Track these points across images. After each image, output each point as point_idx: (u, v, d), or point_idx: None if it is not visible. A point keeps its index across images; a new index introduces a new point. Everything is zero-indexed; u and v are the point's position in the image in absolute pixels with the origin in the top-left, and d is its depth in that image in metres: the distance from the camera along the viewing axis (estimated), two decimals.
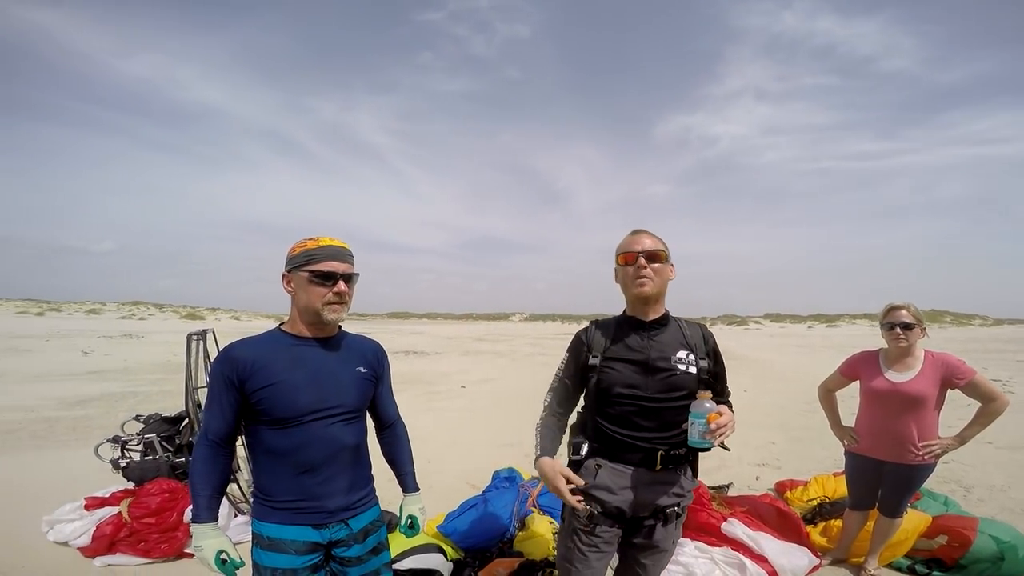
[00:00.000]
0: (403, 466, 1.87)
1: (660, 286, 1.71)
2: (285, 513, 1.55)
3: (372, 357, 1.76)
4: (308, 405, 1.54)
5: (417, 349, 21.82)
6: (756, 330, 49.59)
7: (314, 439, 1.55)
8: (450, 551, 2.78)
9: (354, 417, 1.66)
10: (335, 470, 1.60)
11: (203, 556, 1.50)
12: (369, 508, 1.71)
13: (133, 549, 3.12)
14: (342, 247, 1.62)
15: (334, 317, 1.59)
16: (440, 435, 6.35)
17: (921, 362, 2.65)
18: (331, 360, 1.63)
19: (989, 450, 5.48)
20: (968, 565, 2.82)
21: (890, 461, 2.71)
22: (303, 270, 1.57)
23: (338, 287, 1.57)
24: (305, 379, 1.55)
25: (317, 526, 1.58)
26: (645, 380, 1.66)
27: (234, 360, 1.53)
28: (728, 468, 5.11)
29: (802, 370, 13.79)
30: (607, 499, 1.65)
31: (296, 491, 1.56)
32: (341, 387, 1.62)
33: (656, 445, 1.65)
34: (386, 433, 1.88)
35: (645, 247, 1.70)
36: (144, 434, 3.92)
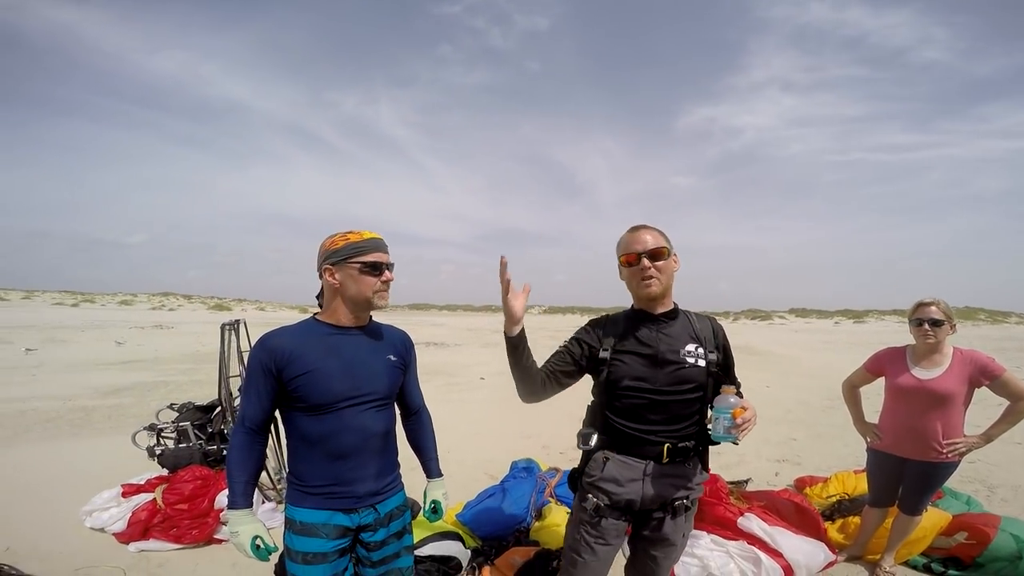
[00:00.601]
0: (428, 452, 1.94)
1: (666, 283, 1.72)
2: (318, 498, 1.62)
3: (401, 346, 1.83)
4: (342, 392, 1.61)
5: (437, 340, 22.03)
6: (781, 325, 48.73)
7: (347, 425, 1.62)
8: (468, 539, 2.86)
9: (384, 404, 1.73)
10: (366, 456, 1.66)
11: (239, 542, 1.57)
12: (396, 493, 1.78)
13: (165, 535, 3.22)
14: (381, 239, 1.71)
15: (384, 303, 1.68)
16: (460, 426, 6.43)
17: (949, 359, 2.62)
18: (363, 349, 1.70)
19: (1018, 450, 5.35)
20: (986, 563, 2.79)
21: (913, 458, 2.70)
22: (352, 262, 1.64)
23: (386, 275, 1.66)
24: (339, 367, 1.62)
25: (347, 511, 1.64)
26: (654, 373, 1.67)
27: (272, 349, 1.59)
28: (747, 464, 5.10)
29: (827, 366, 13.56)
30: (615, 491, 1.67)
31: (329, 476, 1.62)
32: (373, 375, 1.68)
33: (664, 438, 1.66)
34: (412, 420, 1.95)
35: (647, 246, 1.69)
36: (178, 422, 4.04)
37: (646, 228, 1.74)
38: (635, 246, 1.70)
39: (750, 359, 16.28)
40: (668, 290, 1.75)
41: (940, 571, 2.88)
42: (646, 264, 1.68)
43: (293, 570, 1.62)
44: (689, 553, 2.78)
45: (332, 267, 1.66)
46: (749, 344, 22.83)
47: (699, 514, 3.08)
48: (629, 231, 1.76)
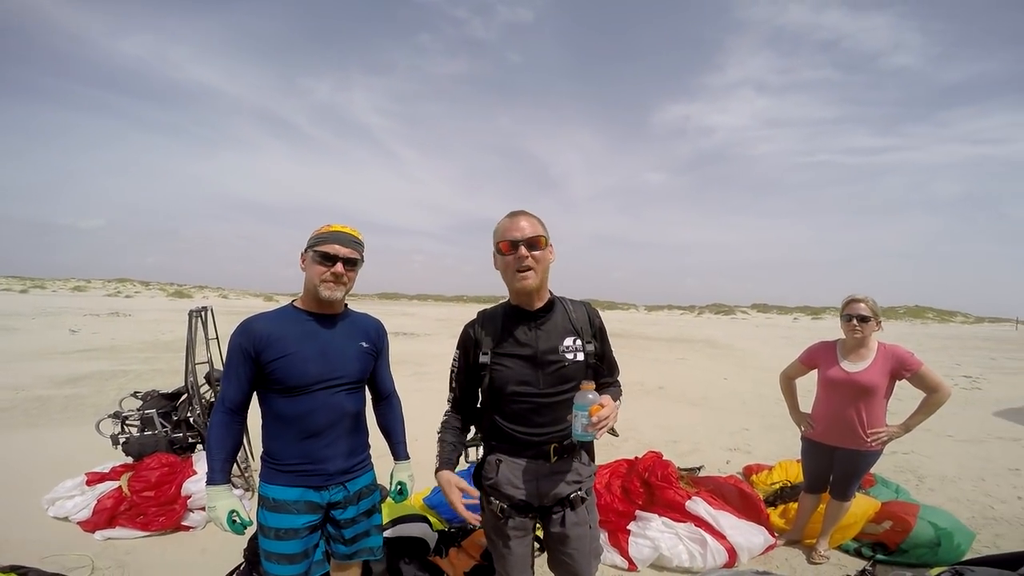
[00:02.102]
0: (396, 436, 2.06)
1: (542, 275, 1.67)
2: (290, 475, 1.73)
3: (374, 333, 1.94)
4: (317, 375, 1.72)
5: (407, 330, 21.95)
6: (743, 320, 50.14)
7: (320, 406, 1.73)
8: (435, 522, 2.97)
9: (356, 387, 1.85)
10: (337, 435, 1.78)
11: (215, 516, 1.67)
12: (365, 472, 1.90)
13: (132, 522, 3.22)
14: (350, 234, 1.79)
15: (328, 294, 1.74)
16: (428, 414, 6.42)
17: (874, 353, 2.79)
18: (337, 334, 1.81)
19: (949, 443, 5.75)
20: (909, 549, 2.98)
21: (841, 447, 2.87)
22: (312, 250, 1.75)
23: (335, 268, 1.73)
24: (314, 351, 1.73)
25: (318, 488, 1.75)
26: (536, 375, 1.66)
27: (252, 333, 1.70)
28: (702, 452, 5.37)
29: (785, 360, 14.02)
30: (512, 493, 1.69)
31: (301, 454, 1.73)
32: (346, 359, 1.80)
33: (550, 439, 1.68)
34: (382, 404, 2.07)
35: (525, 234, 1.62)
36: (143, 410, 4.02)
37: (524, 214, 1.67)
38: (512, 233, 1.63)
39: (712, 352, 16.81)
40: (544, 282, 1.70)
41: (870, 555, 3.05)
42: (523, 252, 1.61)
43: (266, 545, 1.73)
44: (641, 535, 2.98)
45: (304, 253, 1.79)
46: (711, 338, 23.51)
47: (651, 497, 3.28)
48: (507, 216, 1.69)
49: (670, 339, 21.86)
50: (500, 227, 1.68)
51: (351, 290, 1.84)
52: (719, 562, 2.86)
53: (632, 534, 3.01)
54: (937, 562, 2.87)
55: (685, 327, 33.38)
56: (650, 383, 9.40)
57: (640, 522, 3.08)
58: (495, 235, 1.69)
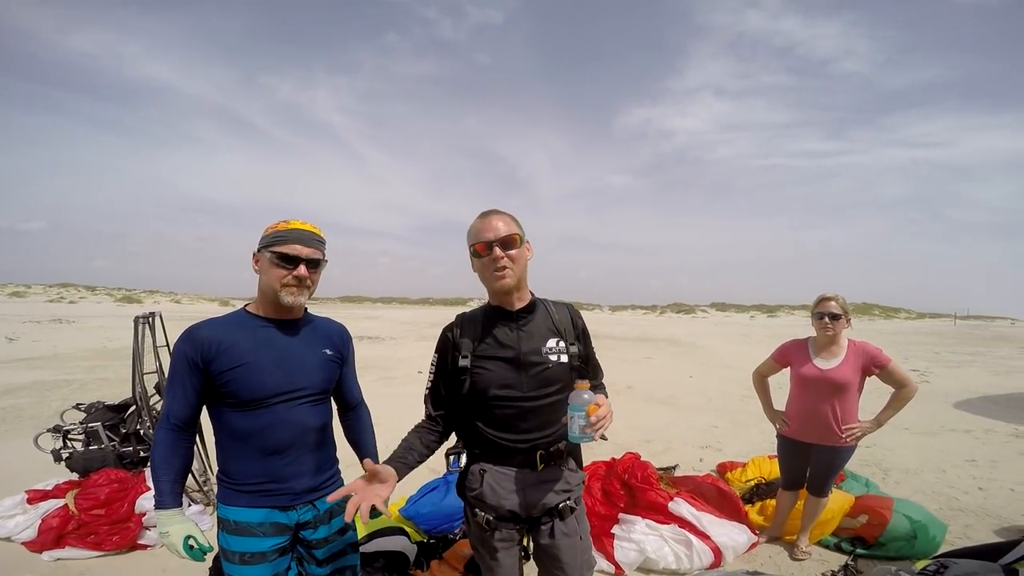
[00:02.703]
0: (367, 449, 1.89)
1: (520, 273, 1.62)
2: (252, 496, 1.56)
3: (338, 340, 1.77)
4: (275, 387, 1.55)
5: (372, 334, 21.52)
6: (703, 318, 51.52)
7: (280, 421, 1.56)
8: (413, 533, 2.84)
9: (320, 399, 1.68)
10: (301, 452, 1.61)
11: (170, 542, 1.50)
12: (335, 489, 1.73)
13: (83, 542, 3.04)
14: (311, 232, 1.62)
15: (291, 300, 1.58)
16: (398, 420, 6.26)
17: (845, 350, 2.84)
18: (297, 342, 1.64)
19: (906, 435, 5.97)
20: (887, 543, 3.02)
21: (817, 443, 2.90)
22: (268, 250, 1.57)
23: (298, 271, 1.57)
24: (272, 361, 1.56)
25: (284, 508, 1.59)
26: (519, 378, 1.59)
27: (198, 341, 1.52)
28: (675, 450, 5.39)
29: (744, 358, 14.51)
30: (498, 503, 1.60)
31: (262, 473, 1.56)
32: (308, 369, 1.63)
33: (536, 445, 1.60)
34: (350, 416, 1.90)
35: (499, 234, 1.57)
36: (87, 423, 3.78)
37: (497, 213, 1.62)
38: (486, 234, 1.57)
39: (675, 350, 17.14)
40: (523, 281, 1.65)
41: (849, 550, 3.07)
42: (498, 253, 1.56)
43: (231, 571, 1.57)
44: (626, 538, 2.92)
45: (257, 254, 1.62)
46: (674, 336, 24.01)
47: (633, 500, 3.24)
48: (479, 217, 1.63)
49: (635, 338, 22.18)
50: (473, 228, 1.62)
51: (314, 293, 1.67)
52: (705, 563, 2.84)
53: (617, 538, 2.95)
54: (914, 554, 2.92)
55: (648, 326, 34.00)
56: (619, 383, 9.46)
57: (624, 525, 3.03)
58: (469, 237, 1.63)
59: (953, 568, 2.09)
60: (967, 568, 2.08)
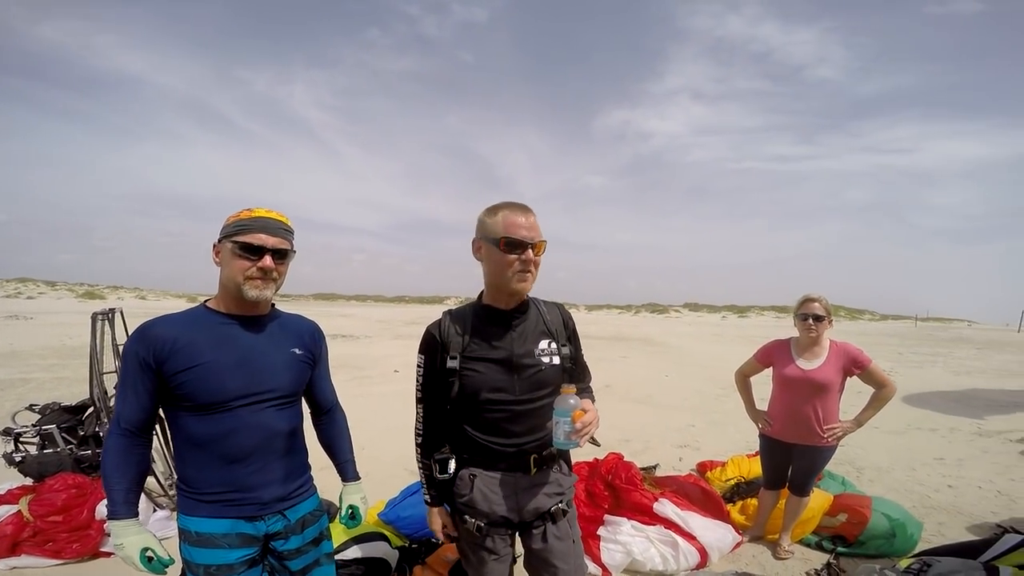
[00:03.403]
0: (343, 454, 1.80)
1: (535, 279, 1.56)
2: (214, 506, 1.46)
3: (309, 338, 1.67)
4: (237, 389, 1.44)
5: (346, 332, 21.16)
6: (676, 318, 52.30)
7: (244, 425, 1.45)
8: (394, 538, 2.75)
9: (289, 402, 1.57)
10: (269, 458, 1.51)
11: (126, 555, 1.38)
12: (307, 497, 1.64)
13: (41, 550, 2.89)
14: (277, 220, 1.51)
15: (256, 294, 1.47)
16: (374, 421, 6.21)
17: (827, 351, 2.86)
18: (263, 340, 1.53)
19: (877, 434, 6.09)
20: (866, 541, 3.05)
21: (799, 443, 2.91)
22: (230, 241, 1.46)
23: (263, 262, 1.46)
24: (234, 360, 1.45)
25: (251, 518, 1.49)
26: (511, 381, 1.53)
27: (150, 339, 1.40)
28: (654, 450, 5.40)
29: (718, 357, 14.74)
30: (489, 510, 1.55)
31: (226, 482, 1.46)
32: (274, 369, 1.52)
33: (529, 449, 1.56)
34: (323, 419, 1.80)
35: (535, 236, 1.49)
36: (41, 425, 3.60)
37: (531, 212, 1.52)
38: (523, 231, 1.47)
39: (650, 350, 17.31)
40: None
41: (831, 548, 3.10)
42: (531, 257, 1.48)
43: None
44: (612, 539, 2.88)
45: (217, 244, 1.51)
46: (648, 336, 24.27)
47: (618, 501, 3.21)
48: (512, 209, 1.51)
49: (611, 338, 22.34)
50: (504, 220, 1.49)
51: (281, 286, 1.56)
52: (691, 563, 2.82)
53: (603, 539, 2.91)
54: (893, 552, 2.97)
55: (624, 326, 34.31)
56: (597, 382, 9.33)
57: (610, 527, 2.99)
58: (495, 226, 1.49)
59: (936, 567, 2.11)
60: (949, 566, 2.11)
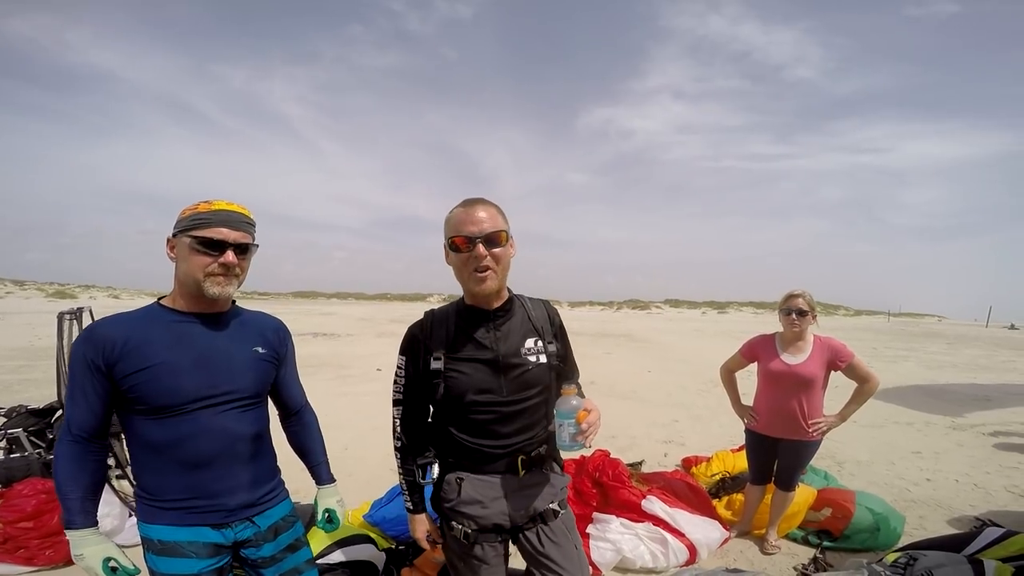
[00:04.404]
0: (315, 456, 1.74)
1: (503, 275, 1.48)
2: (176, 513, 1.39)
3: (272, 335, 1.60)
4: (195, 391, 1.37)
5: (327, 331, 20.88)
6: (657, 314, 52.80)
7: (204, 430, 1.39)
8: (380, 540, 2.69)
9: (252, 404, 1.50)
10: (233, 463, 1.45)
11: (87, 566, 1.31)
12: (278, 503, 1.57)
13: (12, 557, 2.82)
14: (239, 212, 1.44)
15: (218, 291, 1.40)
16: (357, 420, 6.14)
17: (811, 346, 2.88)
18: (222, 339, 1.46)
19: (856, 428, 6.17)
20: (851, 535, 3.08)
21: (784, 438, 2.93)
22: (188, 235, 1.38)
23: (226, 258, 1.39)
24: (191, 361, 1.38)
25: (217, 526, 1.43)
26: (498, 382, 1.48)
27: (99, 340, 1.33)
28: (639, 446, 5.41)
29: (698, 353, 14.89)
30: (479, 514, 1.50)
31: (188, 488, 1.39)
32: (235, 370, 1.45)
33: (517, 450, 1.52)
34: (292, 421, 1.74)
35: (483, 228, 1.41)
36: (7, 429, 3.50)
37: (483, 203, 1.46)
38: (468, 227, 1.41)
39: (632, 345, 17.41)
40: (504, 283, 1.53)
41: (817, 543, 3.13)
42: (481, 252, 1.41)
43: None
44: (602, 537, 2.87)
45: (172, 239, 1.42)
46: (631, 331, 24.44)
47: (606, 498, 3.20)
48: (461, 205, 1.46)
49: (594, 334, 22.43)
50: (454, 218, 1.46)
51: (243, 282, 1.49)
52: (680, 560, 2.83)
53: (592, 537, 2.90)
54: (877, 546, 3.01)
55: (606, 322, 34.50)
56: (581, 378, 9.44)
57: (599, 525, 2.98)
58: (447, 226, 1.47)
59: (922, 560, 2.14)
60: (935, 560, 2.13)
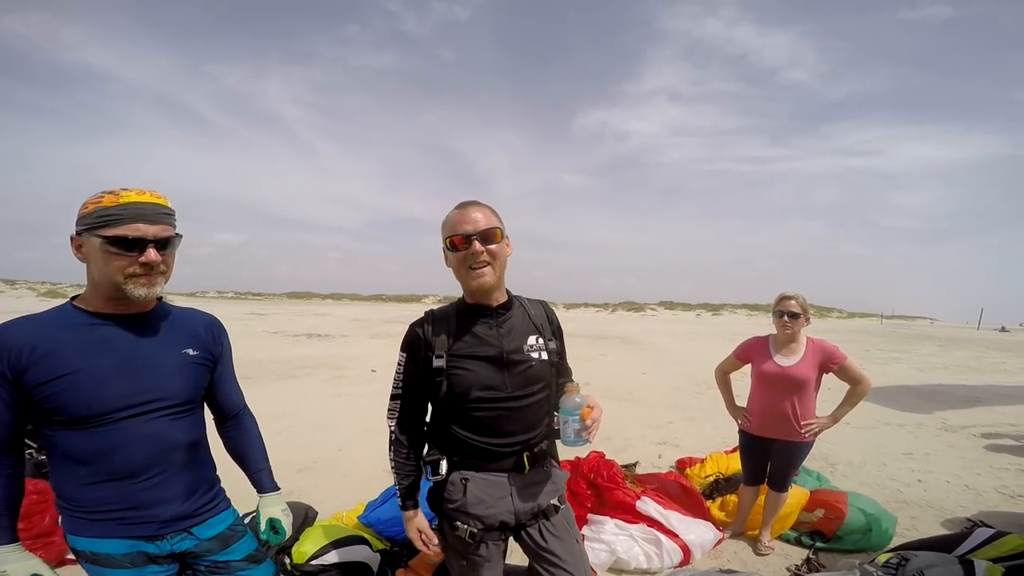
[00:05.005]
0: (256, 463, 1.64)
1: (500, 271, 1.53)
2: (105, 524, 1.30)
3: (205, 334, 1.49)
4: (119, 399, 1.28)
5: (321, 332, 20.83)
6: (652, 316, 52.96)
7: (132, 439, 1.29)
8: (374, 541, 2.69)
9: (184, 410, 1.40)
10: (166, 473, 1.36)
11: None
12: (219, 512, 1.50)
13: None
14: (154, 203, 1.29)
15: (143, 293, 1.29)
16: (352, 421, 6.13)
17: (804, 347, 2.90)
18: (147, 342, 1.35)
19: (848, 430, 6.20)
20: (844, 536, 3.10)
21: (778, 439, 2.94)
22: (97, 234, 1.24)
23: (147, 256, 1.26)
24: (111, 367, 1.28)
25: (151, 538, 1.34)
26: (503, 378, 1.51)
27: (2, 346, 1.21)
28: (634, 447, 5.43)
29: (693, 355, 14.95)
30: (485, 513, 1.50)
31: (116, 499, 1.30)
32: (163, 375, 1.35)
33: (522, 447, 1.54)
34: (229, 426, 1.64)
35: (478, 226, 1.47)
36: None
37: (476, 205, 1.52)
38: (463, 226, 1.47)
39: (628, 348, 17.45)
40: (502, 279, 1.57)
41: (810, 544, 3.14)
42: (477, 248, 1.46)
43: None
44: (596, 539, 2.88)
45: (76, 237, 1.29)
46: (626, 333, 24.51)
47: (600, 500, 3.21)
48: (456, 208, 1.53)
49: (589, 336, 22.47)
50: (449, 219, 1.52)
51: (170, 277, 1.37)
52: (675, 561, 2.84)
53: (587, 539, 2.90)
54: (869, 547, 3.03)
55: (601, 324, 34.58)
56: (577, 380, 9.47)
57: (593, 526, 2.99)
58: (444, 228, 1.53)
59: (914, 561, 2.16)
60: (927, 560, 2.15)
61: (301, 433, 5.68)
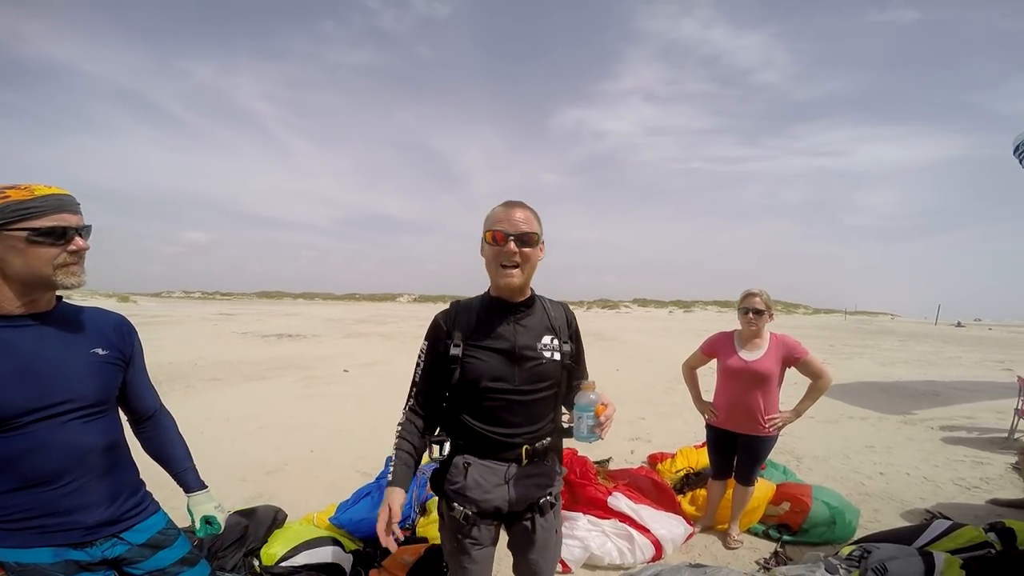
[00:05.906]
0: (179, 463, 1.62)
1: (529, 273, 1.59)
2: (25, 533, 1.26)
3: (114, 334, 1.45)
4: (23, 404, 1.23)
5: (292, 332, 20.45)
6: (626, 313, 53.55)
7: (43, 444, 1.25)
8: (347, 542, 2.65)
9: (97, 412, 1.36)
10: (85, 478, 1.32)
11: None
12: (148, 516, 1.47)
13: None
14: (68, 194, 1.30)
15: (75, 281, 1.29)
16: (323, 422, 6.05)
17: (767, 343, 2.96)
18: (51, 343, 1.30)
19: (812, 423, 6.39)
20: (809, 529, 3.17)
21: (743, 433, 3.01)
22: (17, 228, 1.21)
23: (76, 243, 1.27)
24: (13, 371, 1.23)
25: (78, 545, 1.31)
26: (512, 371, 1.57)
27: None
28: (607, 444, 5.47)
29: (665, 351, 15.17)
30: (481, 498, 1.57)
31: (34, 506, 1.26)
32: (71, 376, 1.31)
33: (523, 440, 1.60)
34: (146, 427, 1.60)
35: (519, 228, 1.52)
36: None
37: (522, 207, 1.57)
38: (504, 224, 1.53)
39: (601, 344, 17.62)
40: (529, 281, 1.63)
41: (777, 537, 3.21)
42: (512, 248, 1.52)
43: None
44: (570, 535, 2.89)
45: None
46: (600, 331, 24.74)
47: (573, 496, 3.23)
48: (502, 205, 1.58)
49: None
50: (493, 215, 1.58)
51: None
52: (647, 556, 2.87)
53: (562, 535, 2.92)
54: (834, 539, 3.12)
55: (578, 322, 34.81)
56: None
57: (567, 522, 3.00)
58: (486, 221, 1.59)
59: (876, 553, 2.23)
60: (887, 552, 2.23)
61: (272, 435, 5.58)
